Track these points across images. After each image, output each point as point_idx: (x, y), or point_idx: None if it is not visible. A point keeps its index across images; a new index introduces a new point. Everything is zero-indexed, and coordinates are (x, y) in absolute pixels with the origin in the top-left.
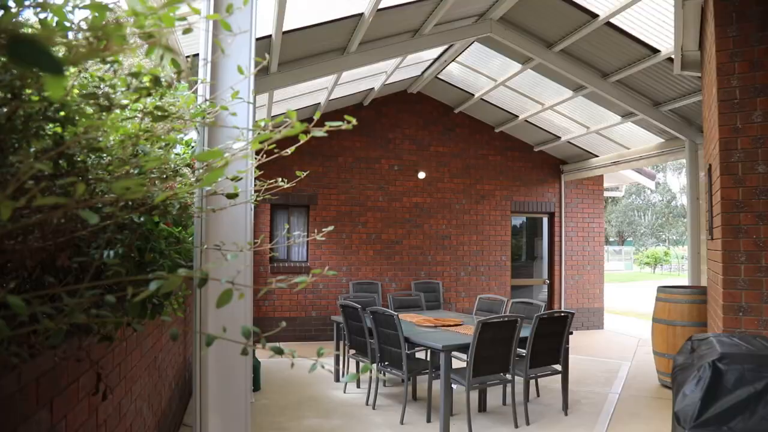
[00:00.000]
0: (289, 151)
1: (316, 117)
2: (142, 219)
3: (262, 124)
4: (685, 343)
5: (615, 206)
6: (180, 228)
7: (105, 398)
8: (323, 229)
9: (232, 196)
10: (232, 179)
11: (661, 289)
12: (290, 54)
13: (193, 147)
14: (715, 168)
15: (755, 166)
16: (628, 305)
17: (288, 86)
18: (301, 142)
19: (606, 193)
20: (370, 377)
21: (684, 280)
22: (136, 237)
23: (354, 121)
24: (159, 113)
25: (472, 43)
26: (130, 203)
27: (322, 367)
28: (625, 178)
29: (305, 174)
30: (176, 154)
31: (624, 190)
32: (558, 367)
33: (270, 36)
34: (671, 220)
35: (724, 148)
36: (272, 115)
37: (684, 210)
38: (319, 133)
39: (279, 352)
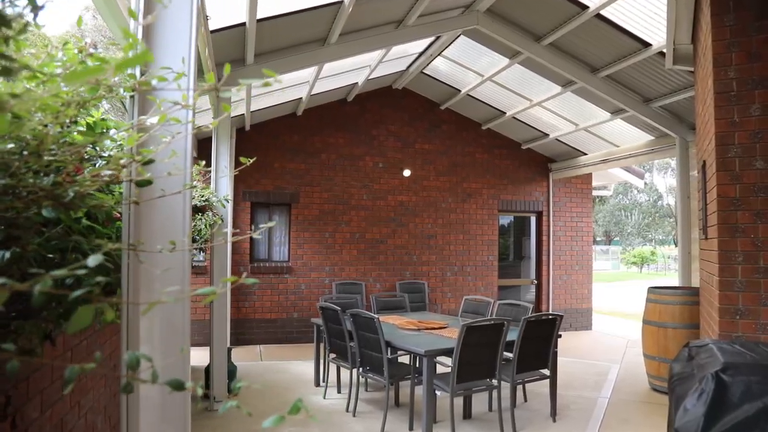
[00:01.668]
0: (211, 125)
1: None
2: (51, 213)
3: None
4: (682, 350)
5: (602, 206)
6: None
7: (15, 426)
8: (261, 226)
9: (142, 183)
10: (142, 162)
11: (652, 290)
12: (267, 44)
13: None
14: (710, 164)
15: (753, 162)
16: (615, 305)
17: (266, 79)
18: (224, 115)
19: (595, 192)
20: (351, 381)
21: (670, 279)
22: (32, 234)
23: (278, 78)
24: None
25: (459, 36)
26: (21, 192)
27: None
28: (614, 176)
29: (251, 161)
30: (108, 138)
31: (612, 189)
32: (546, 371)
33: (244, 24)
34: (657, 219)
35: (721, 143)
36: (251, 110)
37: (671, 210)
38: (228, 94)
39: (179, 387)
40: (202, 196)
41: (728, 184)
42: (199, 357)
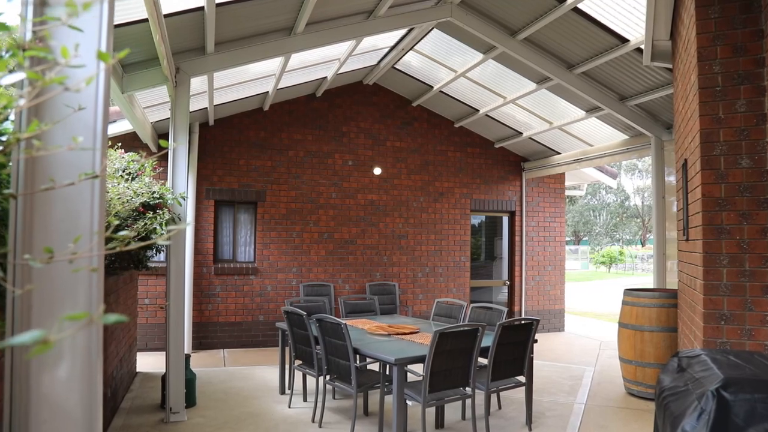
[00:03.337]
0: (85, 84)
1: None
2: None
3: None
4: (671, 360)
5: (572, 206)
6: None
7: None
8: (176, 227)
9: None
10: None
11: (628, 292)
12: (229, 32)
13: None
14: (693, 163)
15: (738, 160)
16: (587, 305)
17: (228, 69)
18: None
19: (568, 192)
20: (317, 389)
21: (639, 279)
22: None
23: None
24: None
25: (431, 29)
26: None
27: None
28: (587, 176)
29: (174, 146)
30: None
31: (585, 188)
32: (522, 378)
33: (202, 8)
34: (625, 220)
35: (706, 140)
36: (215, 104)
37: (638, 210)
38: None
39: None
40: (153, 192)
41: (713, 184)
42: (158, 363)
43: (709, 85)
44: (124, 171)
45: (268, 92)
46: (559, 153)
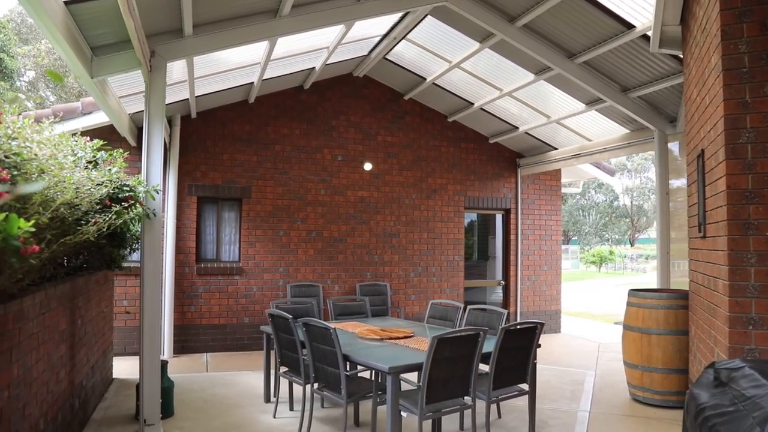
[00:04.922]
0: None
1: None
2: None
3: None
4: (705, 372)
5: (562, 205)
6: None
7: None
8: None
9: None
10: None
11: (633, 293)
12: (208, 13)
13: None
14: (714, 152)
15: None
16: (581, 305)
17: (207, 53)
18: None
19: (564, 189)
20: (304, 398)
21: (630, 278)
22: None
23: None
24: None
25: (425, 16)
26: None
27: None
28: (584, 173)
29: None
30: None
31: (581, 186)
32: (525, 386)
33: None
34: (614, 219)
35: (731, 126)
36: (197, 95)
37: (627, 210)
38: None
39: None
40: (124, 185)
41: (739, 174)
42: (137, 368)
43: (734, 67)
44: (90, 162)
45: (253, 83)
46: (556, 148)
